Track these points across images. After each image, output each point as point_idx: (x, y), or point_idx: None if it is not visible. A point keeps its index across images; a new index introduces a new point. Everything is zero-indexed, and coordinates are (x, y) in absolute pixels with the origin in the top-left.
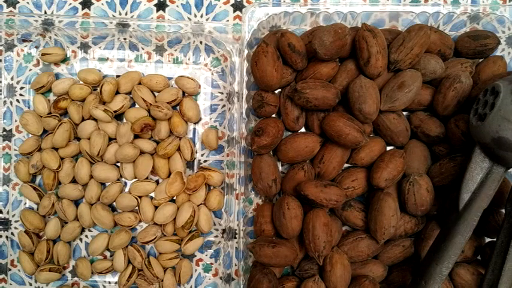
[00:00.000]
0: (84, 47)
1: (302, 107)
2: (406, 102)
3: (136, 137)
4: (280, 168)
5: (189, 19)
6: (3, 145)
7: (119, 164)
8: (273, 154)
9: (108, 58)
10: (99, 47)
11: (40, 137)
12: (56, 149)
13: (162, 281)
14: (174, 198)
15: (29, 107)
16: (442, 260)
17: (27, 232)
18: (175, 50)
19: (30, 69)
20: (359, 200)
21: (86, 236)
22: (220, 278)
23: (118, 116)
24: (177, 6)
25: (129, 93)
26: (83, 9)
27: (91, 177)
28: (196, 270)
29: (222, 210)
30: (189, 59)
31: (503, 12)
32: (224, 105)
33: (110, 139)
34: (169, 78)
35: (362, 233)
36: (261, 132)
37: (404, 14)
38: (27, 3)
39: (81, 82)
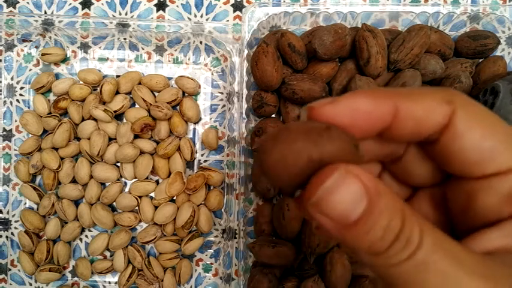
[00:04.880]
0: (84, 47)
1: (289, 99)
2: None
3: (136, 137)
4: None
5: (189, 19)
6: (3, 145)
7: (118, 164)
8: None
9: (108, 58)
10: (99, 47)
11: (40, 137)
12: (56, 149)
13: (162, 281)
14: (174, 198)
15: (29, 107)
16: None
17: (27, 232)
18: (175, 50)
19: (30, 69)
20: None
21: (86, 236)
22: (220, 278)
23: (118, 116)
24: (177, 6)
25: (129, 93)
26: (83, 9)
27: (91, 177)
28: (196, 270)
29: (222, 210)
30: (189, 59)
31: (503, 12)
32: (224, 105)
33: (110, 139)
34: (169, 78)
35: None
36: (261, 132)
37: (404, 14)
38: (27, 3)
39: (81, 82)
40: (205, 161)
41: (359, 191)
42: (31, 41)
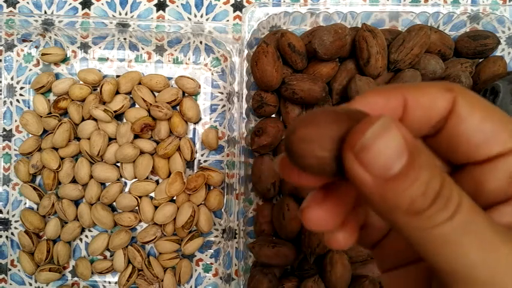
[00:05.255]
0: (84, 47)
1: (289, 99)
2: None
3: (136, 137)
4: None
5: (189, 19)
6: (3, 145)
7: (118, 164)
8: (273, 154)
9: (108, 58)
10: (99, 47)
11: (40, 137)
12: (56, 149)
13: (162, 281)
14: (174, 198)
15: (29, 107)
16: None
17: (27, 232)
18: (175, 50)
19: (30, 69)
20: None
21: (86, 236)
22: (220, 278)
23: (118, 116)
24: (177, 6)
25: (129, 93)
26: (83, 9)
27: (91, 177)
28: (196, 270)
29: (222, 210)
30: (189, 59)
31: (503, 12)
32: (224, 105)
33: (110, 139)
34: (169, 78)
35: None
36: (261, 132)
37: (404, 14)
38: (27, 3)
39: (81, 82)
40: (205, 161)
41: (401, 143)
42: (31, 41)
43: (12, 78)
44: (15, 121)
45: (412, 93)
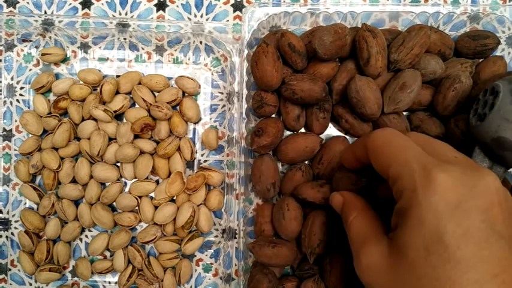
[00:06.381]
0: (84, 47)
1: (289, 99)
2: (409, 103)
3: (136, 137)
4: (280, 167)
5: (189, 19)
6: (3, 145)
7: (118, 164)
8: (273, 154)
9: (108, 58)
10: (99, 47)
11: (40, 137)
12: (56, 149)
13: (162, 281)
14: (174, 198)
15: (29, 107)
16: None
17: (27, 232)
18: (175, 50)
19: (30, 69)
20: None
21: (86, 236)
22: (220, 278)
23: (118, 116)
24: (177, 6)
25: (129, 93)
26: (83, 9)
27: (91, 177)
28: (196, 270)
29: (222, 210)
30: (189, 59)
31: (503, 12)
32: (224, 105)
33: (110, 139)
34: (169, 78)
35: None
36: (261, 132)
37: (404, 14)
38: (27, 3)
39: (81, 82)
40: (205, 161)
41: (341, 198)
42: (31, 41)
43: (12, 78)
44: (15, 121)
45: (352, 149)
